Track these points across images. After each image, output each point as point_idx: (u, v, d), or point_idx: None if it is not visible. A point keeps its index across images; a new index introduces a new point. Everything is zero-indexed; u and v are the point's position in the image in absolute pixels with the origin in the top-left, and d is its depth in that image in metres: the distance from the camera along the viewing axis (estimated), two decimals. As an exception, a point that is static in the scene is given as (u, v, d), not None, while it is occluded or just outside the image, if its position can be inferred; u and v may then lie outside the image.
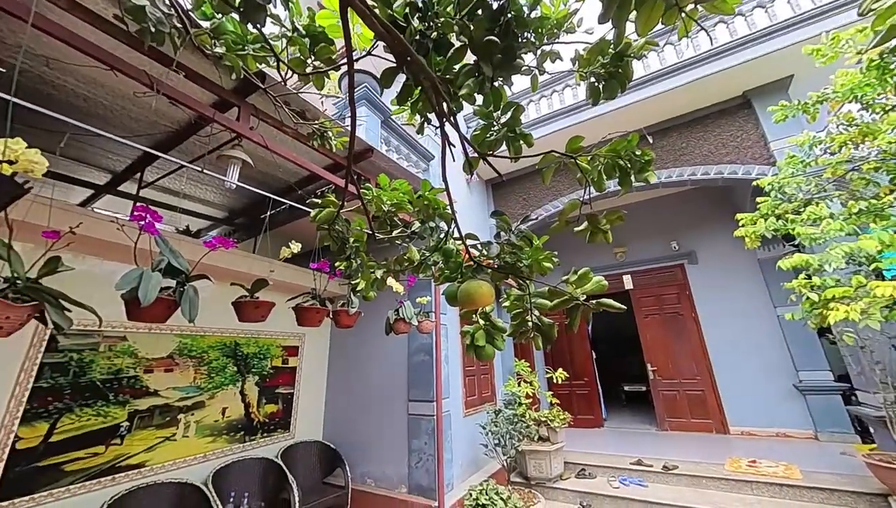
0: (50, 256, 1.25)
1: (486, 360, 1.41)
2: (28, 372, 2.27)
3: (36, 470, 2.25)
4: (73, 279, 1.55)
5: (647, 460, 4.25)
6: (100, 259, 2.49)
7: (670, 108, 4.86)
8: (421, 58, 1.13)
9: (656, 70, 4.60)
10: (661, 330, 6.29)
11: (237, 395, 3.51)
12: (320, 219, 1.75)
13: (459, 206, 1.34)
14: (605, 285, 1.34)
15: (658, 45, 4.65)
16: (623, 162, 1.33)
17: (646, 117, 5.01)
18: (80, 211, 2.43)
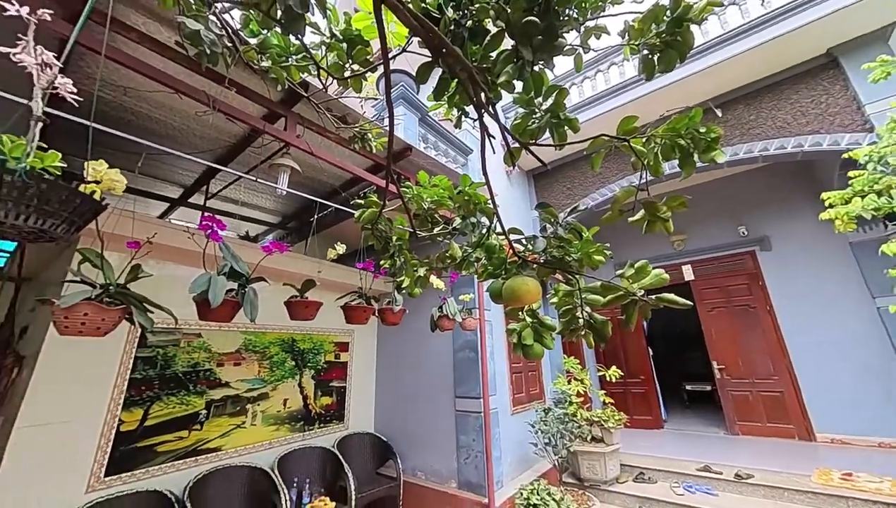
0: (133, 264, 1.41)
1: (534, 359, 1.35)
2: (125, 364, 2.61)
3: (135, 450, 2.58)
4: (155, 283, 1.74)
5: (715, 466, 3.89)
6: (175, 264, 2.77)
7: (734, 77, 4.35)
8: (457, 48, 1.10)
9: (717, 35, 4.13)
10: (728, 324, 5.71)
11: (296, 388, 3.75)
12: (364, 220, 1.79)
13: (500, 200, 1.30)
14: (665, 278, 1.22)
15: (723, 3, 4.15)
16: (684, 141, 1.20)
17: (705, 90, 4.52)
18: (157, 222, 2.72)
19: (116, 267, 1.41)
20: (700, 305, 6.00)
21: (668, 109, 1.32)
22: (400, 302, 2.63)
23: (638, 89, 4.64)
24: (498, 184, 4.83)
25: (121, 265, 1.43)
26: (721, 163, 4.54)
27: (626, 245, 6.22)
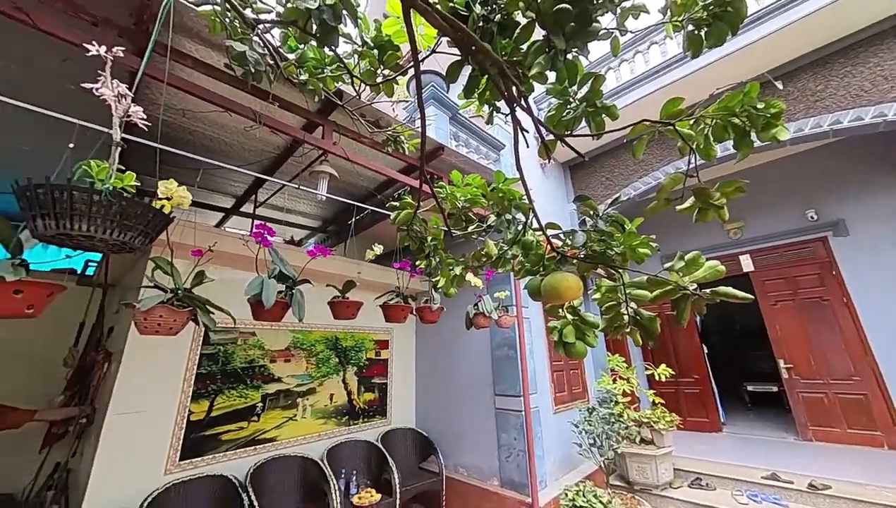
0: (198, 270, 1.55)
1: (577, 358, 1.31)
2: (192, 360, 2.89)
3: (203, 438, 2.85)
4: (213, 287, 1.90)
5: (784, 475, 3.54)
6: (231, 269, 3.00)
7: (796, 45, 3.90)
8: (486, 44, 1.09)
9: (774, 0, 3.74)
10: (796, 319, 5.16)
11: (340, 383, 3.93)
12: (399, 221, 1.83)
13: (535, 193, 1.27)
14: (721, 271, 1.14)
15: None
16: (739, 119, 1.10)
17: (760, 63, 4.11)
18: (216, 231, 2.97)
19: (182, 273, 1.56)
20: (762, 299, 5.48)
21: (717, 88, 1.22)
22: (437, 301, 2.67)
23: (682, 68, 4.31)
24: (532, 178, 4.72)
25: (185, 271, 1.58)
26: (783, 142, 4.11)
27: (674, 235, 5.83)
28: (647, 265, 1.36)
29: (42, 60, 1.95)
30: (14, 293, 1.14)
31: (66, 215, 0.79)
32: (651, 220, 1.59)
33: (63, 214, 0.79)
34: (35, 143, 2.74)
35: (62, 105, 1.45)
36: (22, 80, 2.09)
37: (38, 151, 2.82)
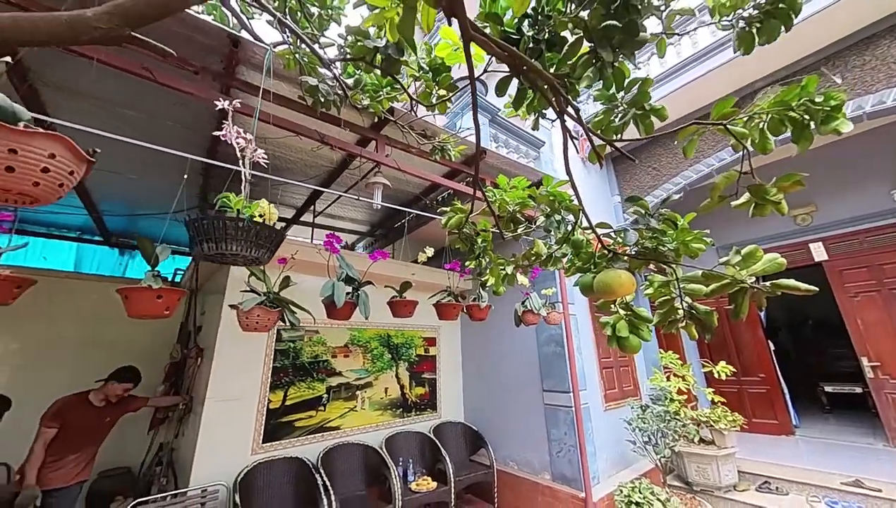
0: (284, 276, 1.80)
1: (631, 352, 1.37)
2: (269, 355, 3.26)
3: (280, 424, 3.20)
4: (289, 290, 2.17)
5: (869, 482, 3.24)
6: (302, 274, 3.34)
7: (869, 10, 3.52)
8: (538, 64, 1.19)
9: (843, -36, 3.40)
10: (882, 312, 4.64)
11: (393, 378, 4.18)
12: (451, 225, 1.98)
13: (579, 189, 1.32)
14: (782, 263, 1.16)
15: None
16: (797, 113, 1.11)
17: (830, 31, 3.76)
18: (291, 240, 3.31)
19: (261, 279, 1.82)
20: (839, 291, 4.99)
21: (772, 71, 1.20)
22: (485, 299, 2.79)
23: (723, 55, 4.04)
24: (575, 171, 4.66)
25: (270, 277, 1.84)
26: (857, 116, 3.73)
27: (733, 223, 5.45)
28: (701, 257, 1.39)
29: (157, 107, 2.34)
30: (157, 298, 1.44)
31: (222, 239, 1.02)
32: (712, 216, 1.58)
33: (221, 238, 1.02)
34: (138, 172, 3.24)
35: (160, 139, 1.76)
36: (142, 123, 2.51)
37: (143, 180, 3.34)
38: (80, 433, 2.71)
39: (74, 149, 0.78)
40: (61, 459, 2.60)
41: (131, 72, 1.61)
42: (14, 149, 0.68)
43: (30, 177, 0.71)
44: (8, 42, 0.41)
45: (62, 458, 2.61)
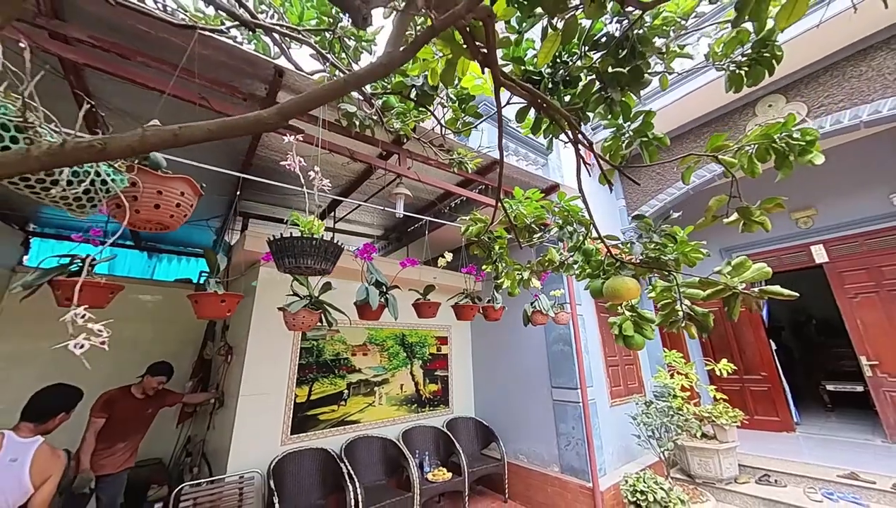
0: (324, 282, 2.01)
1: (636, 349, 1.57)
2: (295, 353, 3.48)
3: (306, 417, 3.43)
4: (325, 293, 2.38)
5: (865, 475, 3.41)
6: (335, 278, 3.57)
7: (865, 23, 3.67)
8: (555, 102, 1.39)
9: (840, -20, 3.55)
10: (882, 312, 4.78)
11: (409, 375, 4.40)
12: (471, 234, 2.18)
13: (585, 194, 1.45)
14: (768, 272, 1.35)
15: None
16: (779, 145, 1.30)
17: (821, 43, 3.91)
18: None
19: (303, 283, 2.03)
20: (839, 291, 5.13)
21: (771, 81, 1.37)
22: (499, 301, 2.99)
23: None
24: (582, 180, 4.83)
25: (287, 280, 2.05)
26: (854, 125, 3.88)
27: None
28: (705, 261, 1.55)
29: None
30: (221, 302, 1.65)
31: (300, 255, 1.23)
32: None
33: (299, 254, 1.23)
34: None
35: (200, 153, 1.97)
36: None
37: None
38: (126, 423, 2.94)
39: (194, 186, 0.99)
40: (111, 447, 2.83)
41: (194, 102, 1.82)
42: (160, 190, 0.88)
43: (168, 210, 0.91)
44: (217, 136, 0.61)
45: (112, 446, 2.84)
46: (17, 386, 3.53)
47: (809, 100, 4.22)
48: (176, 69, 1.46)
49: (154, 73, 1.85)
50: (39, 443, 1.83)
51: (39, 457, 1.78)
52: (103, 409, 2.84)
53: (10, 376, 3.71)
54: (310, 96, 0.69)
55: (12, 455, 1.72)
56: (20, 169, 0.53)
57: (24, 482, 1.69)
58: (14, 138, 0.60)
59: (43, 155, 0.52)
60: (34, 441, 1.82)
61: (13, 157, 0.52)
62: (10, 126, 0.59)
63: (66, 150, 0.52)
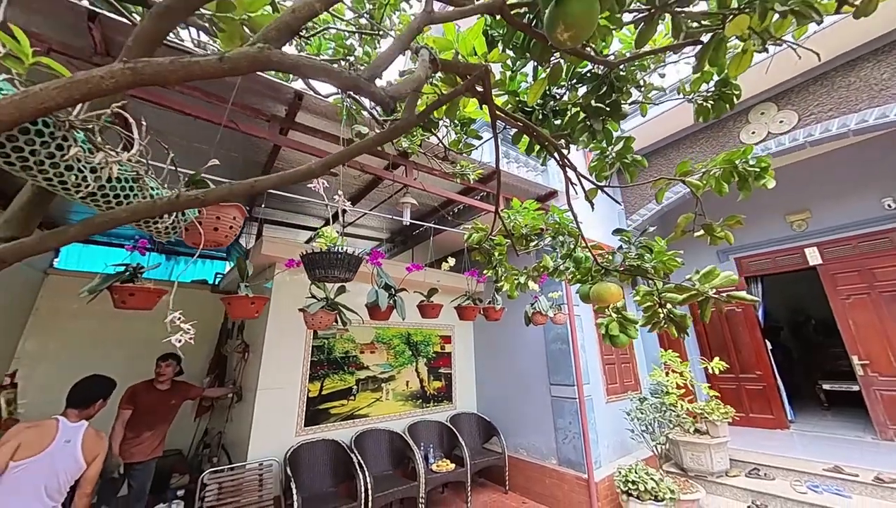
0: (340, 285, 2.23)
1: (621, 347, 1.75)
2: (308, 351, 3.71)
3: (318, 411, 3.65)
4: (338, 295, 2.60)
5: (849, 468, 3.57)
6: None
7: (854, 34, 3.82)
8: (545, 131, 1.59)
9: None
10: (873, 314, 4.92)
11: (414, 372, 4.61)
12: (473, 241, 2.39)
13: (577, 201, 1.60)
14: (734, 279, 1.54)
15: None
16: (740, 170, 1.50)
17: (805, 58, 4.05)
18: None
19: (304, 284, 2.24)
20: (832, 293, 5.28)
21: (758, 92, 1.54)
22: (500, 302, 3.19)
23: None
24: (578, 184, 5.03)
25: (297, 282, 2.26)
26: (843, 133, 4.03)
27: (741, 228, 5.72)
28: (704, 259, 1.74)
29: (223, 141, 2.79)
30: (251, 303, 1.87)
31: (330, 266, 1.45)
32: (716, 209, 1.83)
33: (328, 266, 1.45)
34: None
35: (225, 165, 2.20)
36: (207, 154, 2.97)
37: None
38: (151, 413, 3.17)
39: (242, 211, 1.20)
40: (140, 436, 3.07)
41: (226, 125, 2.04)
42: (219, 216, 1.10)
43: (224, 232, 1.13)
44: (283, 183, 0.82)
45: (140, 435, 3.08)
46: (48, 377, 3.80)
47: (800, 108, 4.38)
48: (207, 95, 1.68)
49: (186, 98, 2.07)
50: (86, 426, 2.06)
51: (88, 439, 2.02)
52: (129, 401, 3.08)
53: (37, 371, 3.97)
54: (349, 151, 0.89)
55: (66, 437, 1.95)
56: (146, 216, 0.74)
57: (79, 459, 1.93)
58: (131, 188, 0.81)
59: (164, 205, 0.73)
60: (81, 425, 2.06)
61: (144, 207, 0.73)
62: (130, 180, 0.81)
63: (179, 201, 0.73)
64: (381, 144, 1.00)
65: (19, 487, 1.72)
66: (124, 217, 0.73)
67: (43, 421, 1.94)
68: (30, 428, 1.86)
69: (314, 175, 0.85)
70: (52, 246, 0.71)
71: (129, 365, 3.63)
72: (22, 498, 1.73)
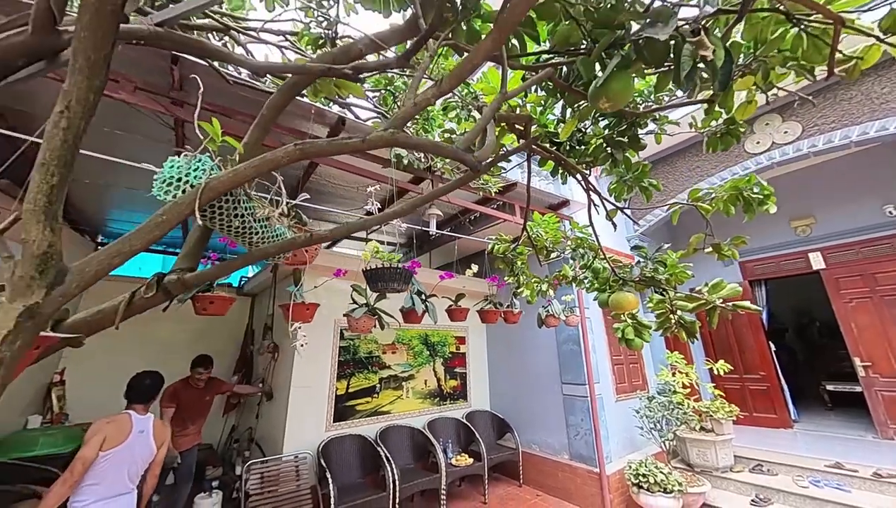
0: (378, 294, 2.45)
1: (636, 350, 1.97)
2: (335, 351, 3.95)
3: (345, 408, 3.89)
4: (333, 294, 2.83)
5: (850, 465, 3.76)
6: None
7: (858, 51, 3.99)
8: (571, 161, 1.81)
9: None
10: (875, 317, 5.09)
11: (431, 372, 4.84)
12: (497, 251, 2.61)
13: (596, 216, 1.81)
14: (738, 291, 1.75)
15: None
16: (745, 196, 1.71)
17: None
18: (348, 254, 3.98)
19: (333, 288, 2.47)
20: (835, 297, 5.45)
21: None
22: (518, 306, 3.41)
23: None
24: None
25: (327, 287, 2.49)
26: (845, 144, 4.21)
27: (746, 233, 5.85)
28: (713, 270, 1.94)
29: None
30: (306, 309, 2.11)
31: (389, 279, 1.67)
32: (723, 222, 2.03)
33: (388, 279, 1.67)
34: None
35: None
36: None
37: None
38: (191, 408, 3.40)
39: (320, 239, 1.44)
40: (184, 429, 3.32)
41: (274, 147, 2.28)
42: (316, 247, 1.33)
43: (312, 254, 1.36)
44: (375, 224, 1.05)
45: (185, 429, 3.33)
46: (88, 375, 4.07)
47: (804, 120, 4.56)
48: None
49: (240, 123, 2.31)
50: (153, 417, 2.31)
51: (157, 427, 2.26)
52: (171, 400, 3.30)
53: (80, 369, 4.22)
54: (441, 190, 1.12)
55: (140, 428, 2.19)
56: (289, 249, 0.96)
57: (152, 445, 2.17)
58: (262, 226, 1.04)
59: (303, 241, 0.96)
60: (149, 417, 2.29)
61: (288, 243, 0.96)
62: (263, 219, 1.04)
63: (312, 239, 0.96)
64: (463, 185, 1.23)
65: (107, 473, 1.96)
66: (272, 251, 0.97)
67: (116, 416, 2.17)
68: (109, 423, 2.09)
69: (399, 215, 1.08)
70: (226, 273, 0.94)
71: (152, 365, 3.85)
72: (109, 483, 1.97)
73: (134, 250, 0.73)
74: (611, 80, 0.99)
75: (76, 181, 3.16)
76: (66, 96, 0.62)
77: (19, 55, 0.75)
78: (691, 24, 0.89)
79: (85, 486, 1.88)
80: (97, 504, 1.92)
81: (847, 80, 1.12)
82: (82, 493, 1.88)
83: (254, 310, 5.30)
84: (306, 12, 1.83)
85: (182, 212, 0.77)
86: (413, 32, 1.10)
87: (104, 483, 1.95)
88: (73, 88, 0.62)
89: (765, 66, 1.25)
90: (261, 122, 1.06)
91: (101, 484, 1.94)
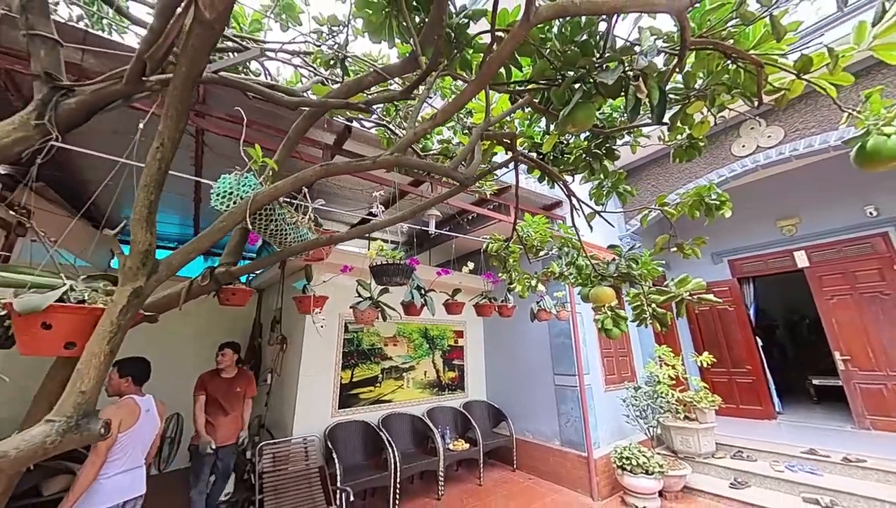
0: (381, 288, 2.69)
1: (615, 339, 2.19)
2: (340, 343, 4.19)
3: (349, 396, 4.14)
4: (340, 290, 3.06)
5: (823, 451, 4.01)
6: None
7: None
8: (555, 169, 2.03)
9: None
10: (855, 313, 5.32)
11: (431, 364, 5.09)
12: (492, 249, 2.84)
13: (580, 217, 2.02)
14: (703, 285, 1.98)
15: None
16: (707, 202, 1.94)
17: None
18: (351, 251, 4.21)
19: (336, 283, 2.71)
20: (818, 294, 5.68)
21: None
22: (511, 301, 3.64)
23: None
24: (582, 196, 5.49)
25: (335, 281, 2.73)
26: (823, 147, 4.43)
27: (732, 233, 6.20)
28: (698, 264, 2.17)
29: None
30: (315, 302, 2.34)
31: (394, 274, 1.90)
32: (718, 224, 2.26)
33: (392, 274, 1.90)
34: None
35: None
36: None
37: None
38: (220, 398, 3.47)
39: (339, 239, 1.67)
40: (216, 420, 3.44)
41: (294, 156, 2.51)
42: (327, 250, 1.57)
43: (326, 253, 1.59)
44: (387, 225, 1.27)
45: (216, 419, 3.45)
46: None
47: (786, 124, 4.77)
48: (277, 130, 2.13)
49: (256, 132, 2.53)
50: (151, 397, 2.51)
51: (158, 405, 2.49)
52: (201, 388, 3.45)
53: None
54: (438, 198, 1.34)
55: (146, 407, 2.39)
56: (312, 247, 1.20)
57: (157, 421, 2.42)
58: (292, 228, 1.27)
59: (325, 240, 1.19)
60: (148, 397, 2.48)
61: (312, 243, 1.19)
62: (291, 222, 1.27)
63: (334, 239, 1.20)
64: (458, 193, 1.46)
65: (125, 452, 2.18)
66: (299, 249, 1.20)
67: (122, 401, 2.32)
68: (119, 408, 2.25)
69: (404, 219, 1.31)
70: (260, 267, 1.17)
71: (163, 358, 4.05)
72: (127, 459, 2.19)
73: (202, 248, 0.96)
74: (576, 109, 1.22)
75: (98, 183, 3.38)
76: (160, 136, 0.86)
77: (112, 99, 0.98)
78: (634, 70, 1.12)
79: (108, 462, 2.11)
80: (119, 475, 2.14)
81: (779, 106, 1.35)
82: (107, 467, 2.11)
83: (261, 305, 5.54)
84: (318, 36, 2.05)
85: (235, 220, 1.00)
86: (413, 66, 1.33)
87: (124, 459, 2.17)
88: (166, 130, 0.86)
89: (712, 92, 1.47)
90: (287, 144, 1.29)
91: (121, 459, 2.16)
